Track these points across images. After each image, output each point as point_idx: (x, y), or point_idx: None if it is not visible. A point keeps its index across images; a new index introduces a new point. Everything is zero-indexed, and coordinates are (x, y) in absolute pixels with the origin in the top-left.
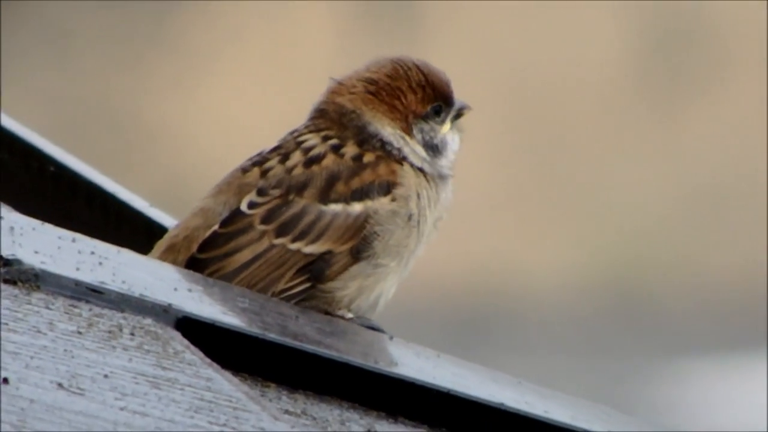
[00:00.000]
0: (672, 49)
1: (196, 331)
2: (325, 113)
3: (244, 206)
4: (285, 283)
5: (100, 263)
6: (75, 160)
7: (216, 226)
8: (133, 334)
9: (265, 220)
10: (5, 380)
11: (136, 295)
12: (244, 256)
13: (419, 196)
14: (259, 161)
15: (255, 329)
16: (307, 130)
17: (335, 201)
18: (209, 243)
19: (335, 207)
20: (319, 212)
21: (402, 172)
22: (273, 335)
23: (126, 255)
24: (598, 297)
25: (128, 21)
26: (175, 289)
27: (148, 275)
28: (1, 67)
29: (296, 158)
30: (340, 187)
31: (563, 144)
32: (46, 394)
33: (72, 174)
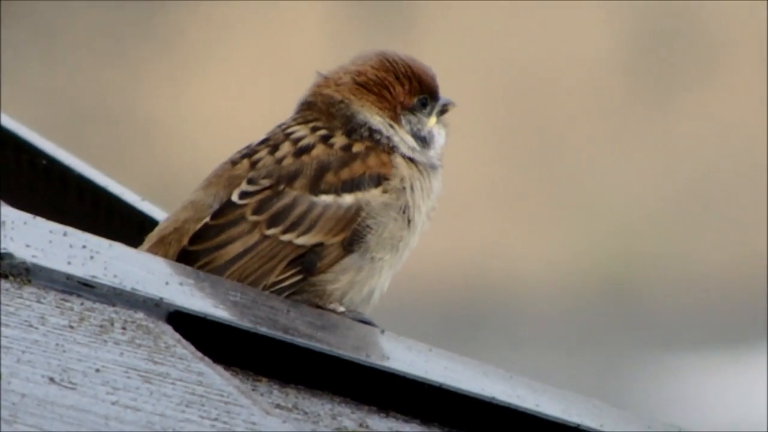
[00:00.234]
0: (663, 45)
1: (187, 324)
2: (312, 105)
3: (235, 197)
4: (276, 276)
5: (92, 257)
6: (66, 155)
7: (207, 218)
8: (124, 328)
9: (256, 211)
10: None
11: (128, 289)
12: (236, 248)
13: (413, 187)
14: (248, 153)
15: (246, 323)
16: (296, 122)
17: (326, 192)
18: (200, 235)
19: (326, 198)
20: (310, 203)
21: (394, 163)
22: (264, 329)
23: (117, 249)
24: (590, 291)
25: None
26: (167, 283)
27: (140, 269)
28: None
29: (285, 149)
30: (329, 177)
31: (555, 140)
32: (38, 388)
33: (63, 168)
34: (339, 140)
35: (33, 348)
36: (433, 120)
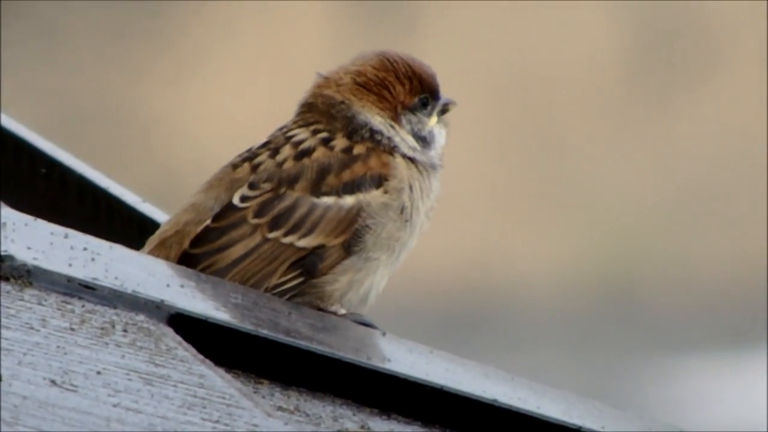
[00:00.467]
0: (663, 45)
1: (188, 327)
2: (313, 107)
3: (236, 200)
4: (278, 278)
5: (93, 259)
6: (67, 156)
7: (208, 221)
8: (125, 330)
9: (258, 214)
10: None
11: (129, 291)
12: (237, 250)
13: (411, 188)
14: (249, 157)
15: (247, 325)
16: (296, 125)
17: (327, 194)
18: (202, 238)
19: (327, 200)
20: (311, 205)
21: (394, 163)
22: (266, 331)
23: (118, 251)
24: (590, 292)
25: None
26: (168, 285)
27: (141, 271)
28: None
29: (286, 152)
30: (331, 179)
31: (555, 140)
32: (39, 390)
33: (64, 169)
34: (340, 142)
35: (34, 350)
36: (433, 120)
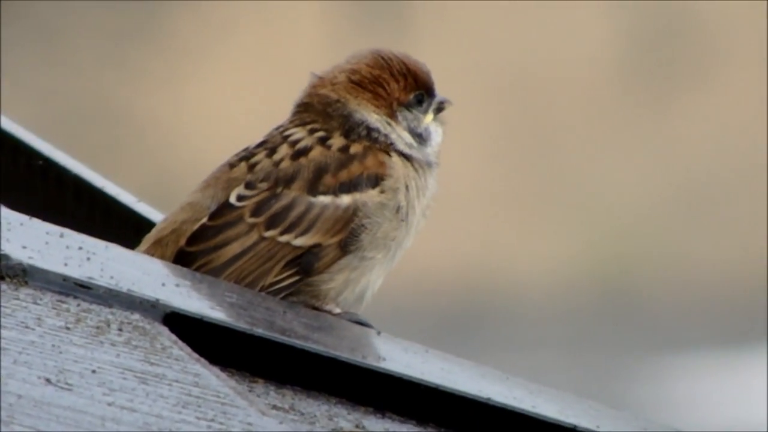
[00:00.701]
0: (660, 45)
1: (183, 326)
2: (309, 106)
3: (233, 199)
4: (274, 277)
5: (88, 258)
6: (63, 155)
7: (204, 219)
8: (120, 329)
9: (254, 213)
10: None
11: (124, 290)
12: (233, 249)
13: (408, 187)
14: (246, 156)
15: (243, 324)
16: (293, 125)
17: (324, 193)
18: (198, 236)
19: (324, 199)
20: (308, 204)
21: (390, 163)
22: (261, 330)
23: (114, 250)
24: (586, 292)
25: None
26: (163, 284)
27: (136, 270)
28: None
29: (283, 151)
30: (328, 179)
31: (552, 140)
32: (34, 389)
33: (60, 169)
34: (336, 142)
35: (29, 349)
36: (429, 117)
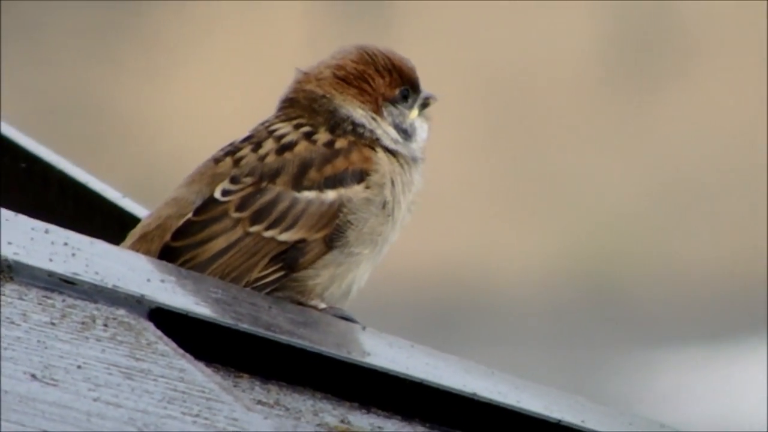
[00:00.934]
0: (645, 42)
1: (169, 321)
2: (294, 102)
3: (218, 194)
4: (259, 272)
5: (74, 254)
6: (47, 151)
7: (190, 215)
8: (106, 325)
9: (239, 208)
10: None
11: (109, 286)
12: (219, 244)
13: (393, 182)
14: (232, 151)
15: (228, 320)
16: (278, 120)
17: (308, 188)
18: (183, 231)
19: (309, 194)
20: (293, 199)
21: (376, 158)
22: (246, 326)
23: (99, 246)
24: (573, 288)
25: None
26: (148, 279)
27: (121, 266)
28: None
29: (269, 146)
30: (312, 173)
31: (537, 136)
32: (20, 385)
33: (45, 165)
34: (322, 136)
35: (15, 345)
36: (414, 113)
